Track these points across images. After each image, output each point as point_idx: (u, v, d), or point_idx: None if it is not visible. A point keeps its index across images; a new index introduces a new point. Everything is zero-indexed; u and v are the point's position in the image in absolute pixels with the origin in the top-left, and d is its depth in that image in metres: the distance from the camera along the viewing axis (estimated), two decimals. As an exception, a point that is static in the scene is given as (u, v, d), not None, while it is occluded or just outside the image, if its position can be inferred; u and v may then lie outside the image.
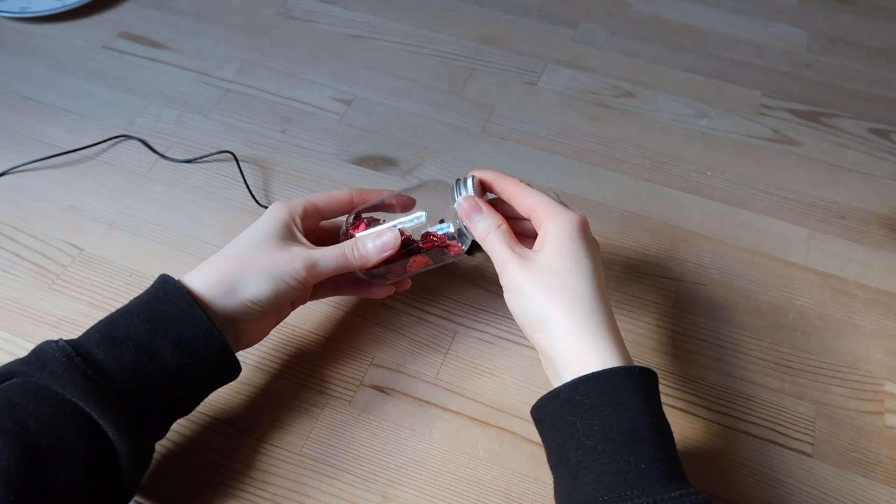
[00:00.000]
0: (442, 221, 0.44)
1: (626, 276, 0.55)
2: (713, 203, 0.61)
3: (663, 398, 0.48)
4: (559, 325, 0.37)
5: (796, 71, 0.75)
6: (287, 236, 0.42)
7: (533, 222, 0.42)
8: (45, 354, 0.36)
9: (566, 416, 0.35)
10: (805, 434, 0.47)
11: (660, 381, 0.49)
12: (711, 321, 0.53)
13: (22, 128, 0.64)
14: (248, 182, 0.60)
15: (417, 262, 0.45)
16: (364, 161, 0.63)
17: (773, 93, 0.72)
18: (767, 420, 0.47)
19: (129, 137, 0.64)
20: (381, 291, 0.48)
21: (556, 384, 0.37)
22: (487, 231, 0.41)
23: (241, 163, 0.61)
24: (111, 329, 0.37)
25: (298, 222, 0.43)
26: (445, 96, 0.70)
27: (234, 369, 0.41)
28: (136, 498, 0.43)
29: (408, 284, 0.49)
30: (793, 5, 0.84)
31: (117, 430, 0.35)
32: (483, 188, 0.45)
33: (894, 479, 0.45)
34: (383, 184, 0.61)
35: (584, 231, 0.40)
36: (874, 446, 0.46)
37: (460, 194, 0.43)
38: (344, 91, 0.70)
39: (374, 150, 0.64)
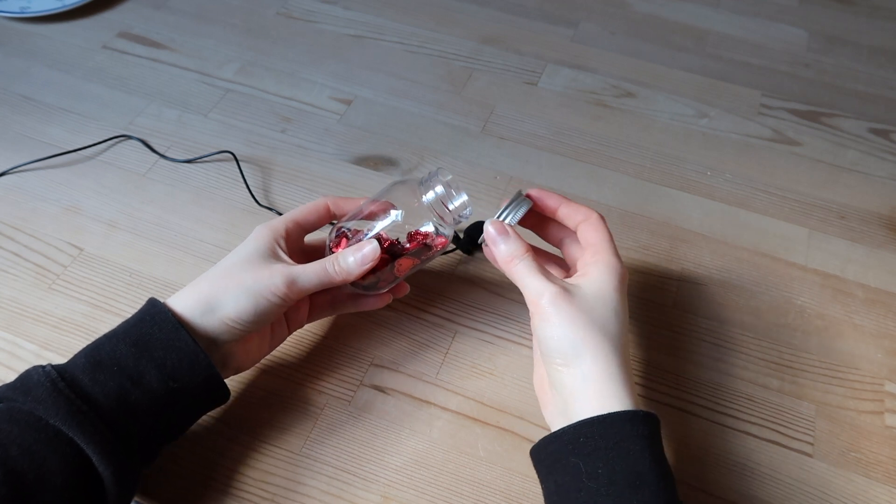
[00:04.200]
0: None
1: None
2: (713, 203, 0.61)
3: (663, 398, 0.48)
4: (591, 367, 0.37)
5: (796, 71, 0.75)
6: (270, 256, 0.42)
7: (585, 251, 0.42)
8: (31, 380, 0.36)
9: (569, 457, 0.35)
10: (805, 434, 0.47)
11: (660, 381, 0.49)
12: (711, 321, 0.53)
13: (22, 128, 0.64)
14: (248, 182, 0.60)
15: (405, 265, 0.45)
16: (364, 161, 0.63)
17: (773, 93, 0.72)
18: (767, 420, 0.47)
19: (129, 137, 0.64)
20: (379, 302, 0.48)
21: (559, 420, 0.38)
22: (512, 256, 0.40)
23: (241, 163, 0.61)
24: (97, 354, 0.37)
25: (282, 242, 0.43)
26: (445, 96, 0.70)
27: (221, 393, 0.41)
28: (137, 498, 0.43)
29: (406, 290, 0.48)
30: (793, 5, 0.84)
31: (101, 455, 0.34)
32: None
33: (894, 478, 0.45)
34: (383, 184, 0.61)
35: (625, 284, 0.41)
36: (874, 446, 0.46)
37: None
38: (344, 91, 0.70)
39: (374, 150, 0.64)
